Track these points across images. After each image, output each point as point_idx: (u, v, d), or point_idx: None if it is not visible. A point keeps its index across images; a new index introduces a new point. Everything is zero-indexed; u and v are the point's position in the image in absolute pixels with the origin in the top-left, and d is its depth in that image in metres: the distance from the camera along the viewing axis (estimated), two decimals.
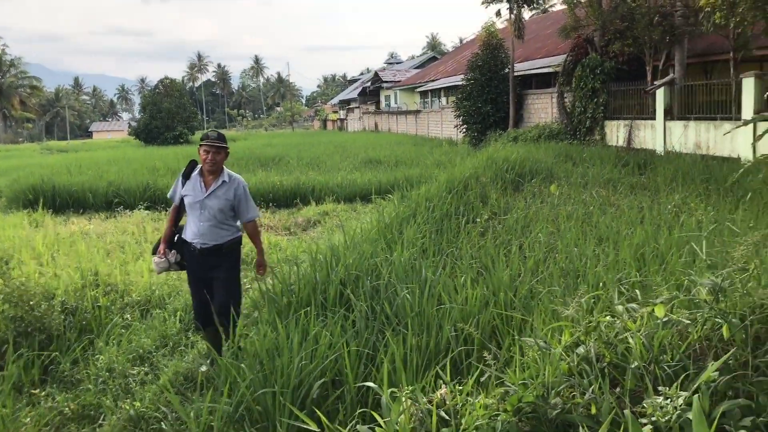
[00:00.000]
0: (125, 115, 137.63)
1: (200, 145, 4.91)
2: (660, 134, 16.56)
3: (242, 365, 3.56)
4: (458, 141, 27.85)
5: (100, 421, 4.09)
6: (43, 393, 4.40)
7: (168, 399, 3.99)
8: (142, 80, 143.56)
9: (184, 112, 47.69)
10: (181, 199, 5.00)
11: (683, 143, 15.63)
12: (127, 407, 4.03)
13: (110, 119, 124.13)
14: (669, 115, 16.34)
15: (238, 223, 5.11)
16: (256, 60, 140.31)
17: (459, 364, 3.75)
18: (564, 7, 21.63)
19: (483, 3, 23.78)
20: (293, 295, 5.12)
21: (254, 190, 14.33)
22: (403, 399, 2.28)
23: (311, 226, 11.66)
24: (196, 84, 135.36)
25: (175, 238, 5.11)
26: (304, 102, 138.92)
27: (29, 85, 77.25)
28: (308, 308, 4.55)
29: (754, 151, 13.07)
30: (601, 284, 4.87)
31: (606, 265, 5.49)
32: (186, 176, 5.00)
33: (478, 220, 8.09)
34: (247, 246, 8.40)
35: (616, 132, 18.69)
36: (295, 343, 3.58)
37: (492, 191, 9.70)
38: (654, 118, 16.87)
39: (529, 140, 19.53)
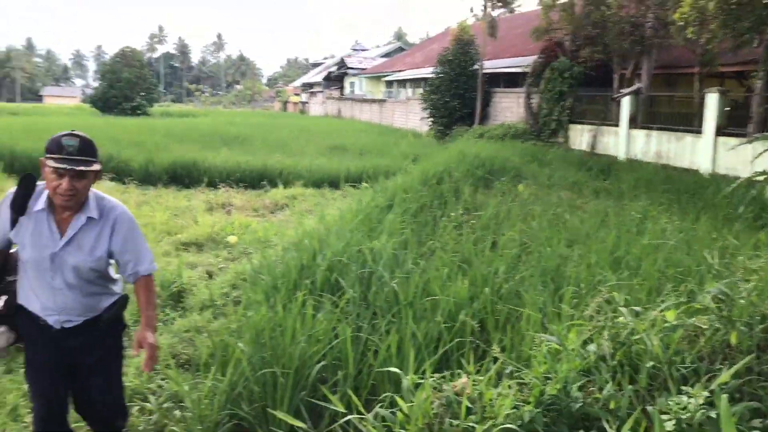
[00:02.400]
0: (78, 81, 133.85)
1: (46, 159, 2.70)
2: (623, 141, 16.99)
3: (240, 344, 3.59)
4: (423, 133, 28.02)
5: None
6: None
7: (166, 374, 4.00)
8: (99, 47, 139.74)
9: (143, 83, 46.70)
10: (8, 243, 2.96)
11: (645, 152, 16.09)
12: None
13: (63, 84, 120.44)
14: (633, 123, 16.78)
15: (118, 276, 3.09)
16: (219, 36, 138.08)
17: (450, 354, 3.85)
18: (536, 8, 21.96)
19: None
20: (278, 278, 5.14)
21: (220, 168, 14.18)
22: (427, 385, 2.37)
23: (279, 209, 11.62)
24: (155, 55, 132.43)
25: None
26: (265, 82, 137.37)
27: None
28: (297, 292, 4.58)
29: (714, 165, 13.59)
30: (582, 286, 5.03)
31: (579, 266, 5.67)
32: (18, 206, 2.82)
33: (453, 214, 8.22)
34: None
35: (580, 136, 19.10)
36: (297, 325, 3.62)
37: (465, 187, 9.86)
38: (618, 126, 17.29)
39: (495, 138, 19.81)
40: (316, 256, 5.37)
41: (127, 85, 45.34)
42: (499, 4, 22.06)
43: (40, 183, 2.83)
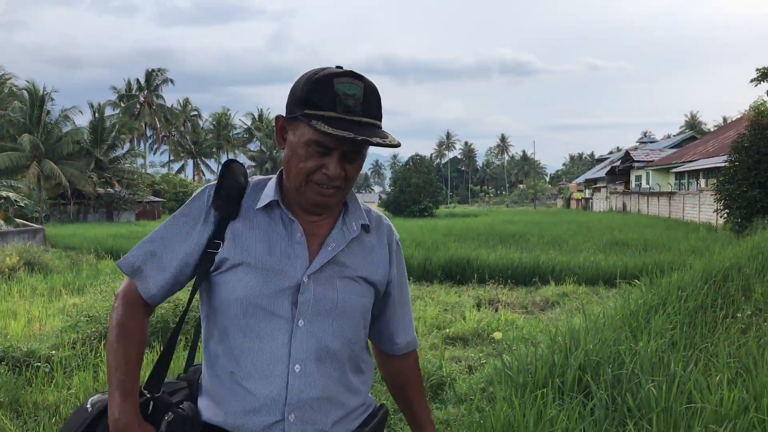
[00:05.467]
0: (377, 188, 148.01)
1: (304, 118, 1.45)
2: None
3: None
4: (718, 227, 25.66)
5: None
6: None
7: None
8: (394, 156, 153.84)
9: (430, 187, 50.14)
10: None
11: None
12: None
13: (363, 191, 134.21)
14: None
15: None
16: (502, 138, 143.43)
17: None
18: None
19: (751, 81, 22.10)
20: (530, 375, 5.09)
21: (492, 265, 14.45)
22: None
23: (549, 306, 11.45)
24: (443, 161, 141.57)
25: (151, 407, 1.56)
26: (547, 180, 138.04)
27: None
28: (545, 390, 4.50)
29: None
30: None
31: None
32: (226, 201, 1.59)
33: (739, 315, 7.36)
34: None
35: None
36: (531, 423, 3.58)
37: (757, 284, 8.77)
38: None
39: None
40: (569, 354, 5.23)
41: (415, 190, 49.10)
42: None
43: (254, 178, 1.68)
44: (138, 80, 78.03)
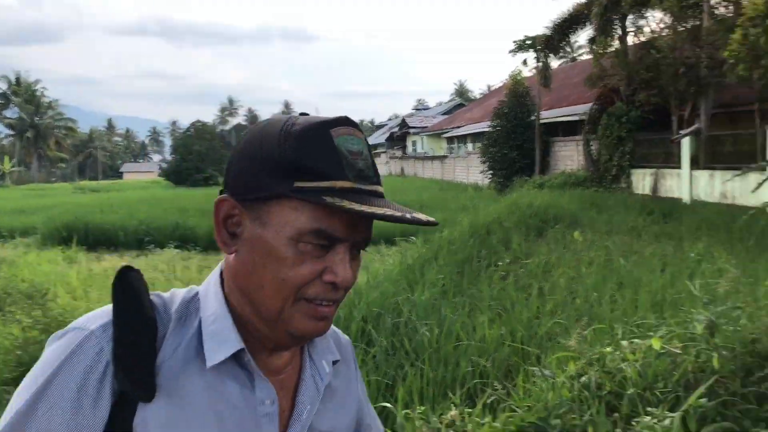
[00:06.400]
0: (156, 157, 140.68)
1: (293, 194, 0.82)
2: (686, 183, 16.67)
3: None
4: (484, 186, 28.14)
5: None
6: None
7: None
8: (174, 123, 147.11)
9: (214, 154, 48.84)
10: None
11: (709, 192, 15.72)
12: None
13: (141, 160, 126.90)
14: (695, 164, 16.47)
15: None
16: (286, 105, 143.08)
17: (474, 396, 3.94)
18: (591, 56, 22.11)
19: (510, 52, 24.32)
20: None
21: None
22: (416, 419, 2.51)
23: None
24: (227, 127, 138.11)
25: None
26: None
27: (65, 126, 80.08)
28: None
29: None
30: (615, 326, 5.04)
31: (622, 309, 5.67)
32: (131, 372, 0.81)
33: (500, 263, 8.28)
34: None
35: (642, 180, 18.84)
36: None
37: (515, 236, 9.90)
38: (680, 167, 17.01)
39: (555, 187, 19.74)
40: (352, 308, 5.56)
41: (198, 157, 47.56)
42: (550, 54, 22.21)
43: (157, 294, 0.95)
44: None
